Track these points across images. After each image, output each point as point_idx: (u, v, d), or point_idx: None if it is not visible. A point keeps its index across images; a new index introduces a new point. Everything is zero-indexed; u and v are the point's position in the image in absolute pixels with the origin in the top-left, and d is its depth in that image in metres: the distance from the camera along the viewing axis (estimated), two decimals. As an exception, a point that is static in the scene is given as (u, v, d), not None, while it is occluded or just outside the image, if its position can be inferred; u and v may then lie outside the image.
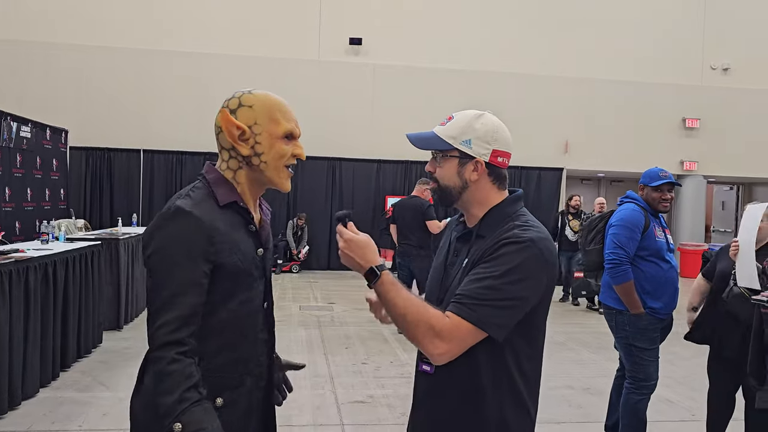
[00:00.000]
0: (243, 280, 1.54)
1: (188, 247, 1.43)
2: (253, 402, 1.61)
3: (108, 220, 10.93)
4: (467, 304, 1.44)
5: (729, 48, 13.24)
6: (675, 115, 13.21)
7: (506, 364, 1.52)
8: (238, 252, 1.52)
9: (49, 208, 9.35)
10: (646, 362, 3.50)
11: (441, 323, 1.43)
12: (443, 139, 1.60)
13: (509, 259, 1.46)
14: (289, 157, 1.59)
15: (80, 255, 5.36)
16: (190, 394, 1.37)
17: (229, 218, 1.53)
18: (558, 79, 12.60)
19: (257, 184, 1.61)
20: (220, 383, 1.50)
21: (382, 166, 12.26)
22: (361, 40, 12.12)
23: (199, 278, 1.43)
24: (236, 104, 1.57)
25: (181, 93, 11.51)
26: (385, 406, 4.55)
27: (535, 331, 1.57)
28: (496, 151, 1.58)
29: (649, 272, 3.47)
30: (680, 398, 4.89)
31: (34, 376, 4.48)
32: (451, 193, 1.61)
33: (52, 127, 9.59)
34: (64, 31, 11.26)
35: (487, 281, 1.45)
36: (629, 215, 3.52)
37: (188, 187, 1.56)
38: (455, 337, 1.43)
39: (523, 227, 1.52)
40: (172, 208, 1.46)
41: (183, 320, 1.40)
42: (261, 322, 1.62)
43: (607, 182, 15.36)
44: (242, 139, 1.55)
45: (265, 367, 1.64)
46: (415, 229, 6.81)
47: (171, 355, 1.38)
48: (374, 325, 7.19)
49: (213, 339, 1.49)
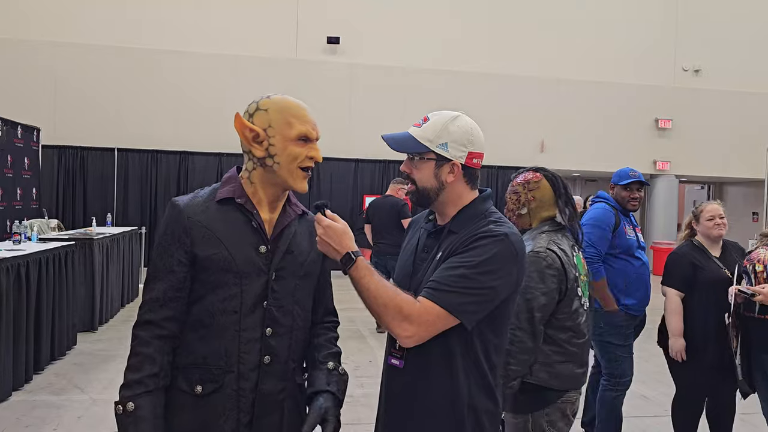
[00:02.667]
0: (226, 276, 1.55)
1: (167, 235, 1.58)
2: (242, 404, 1.56)
3: (81, 220, 10.76)
4: (439, 290, 1.48)
5: (700, 50, 13.51)
6: (648, 116, 13.44)
7: (476, 356, 1.56)
8: (223, 247, 1.55)
9: (21, 208, 9.17)
10: (620, 359, 3.56)
11: (410, 307, 1.47)
12: (420, 142, 1.61)
13: (484, 250, 1.50)
14: (303, 159, 1.63)
15: (53, 255, 5.27)
16: (150, 381, 1.51)
17: (226, 214, 1.60)
18: (534, 80, 12.72)
19: (272, 185, 1.64)
20: (197, 373, 1.55)
21: (359, 165, 12.26)
22: (339, 39, 12.10)
23: (173, 266, 1.55)
24: (254, 108, 1.64)
25: (156, 91, 11.36)
26: (365, 406, 4.56)
27: (503, 324, 1.61)
28: (471, 153, 1.62)
29: (622, 270, 3.55)
30: (655, 394, 4.98)
31: (7, 379, 4.39)
32: (429, 195, 1.64)
33: (24, 125, 9.39)
34: (36, 27, 11.04)
35: (461, 270, 1.49)
36: (600, 214, 3.60)
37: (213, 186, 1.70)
38: (424, 321, 1.46)
39: (498, 223, 1.58)
40: (169, 202, 1.63)
41: (158, 302, 1.55)
42: (253, 321, 1.57)
43: (582, 181, 15.57)
44: (256, 141, 1.61)
45: (251, 367, 1.56)
46: (392, 228, 6.82)
47: (144, 336, 1.54)
48: (353, 325, 7.19)
49: (191, 328, 1.57)
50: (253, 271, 1.58)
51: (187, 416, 1.55)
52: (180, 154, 11.50)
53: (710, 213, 3.41)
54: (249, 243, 1.59)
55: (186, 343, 1.57)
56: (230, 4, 11.76)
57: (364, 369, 5.51)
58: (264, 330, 1.58)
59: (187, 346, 1.57)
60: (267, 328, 1.59)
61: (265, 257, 1.60)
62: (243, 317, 1.56)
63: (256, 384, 1.57)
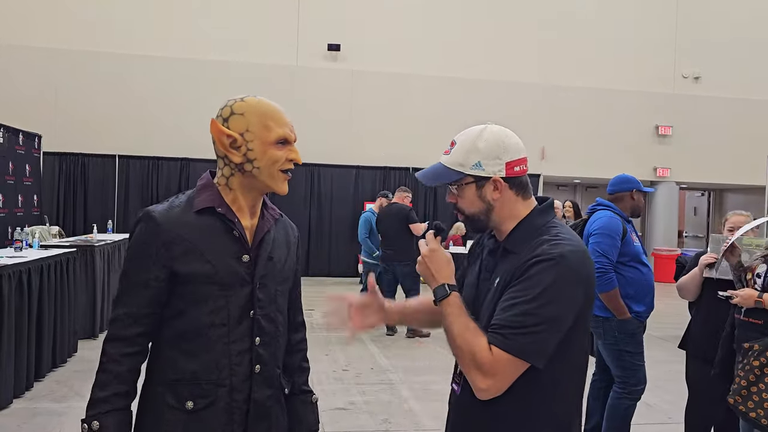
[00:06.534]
0: (210, 289, 1.52)
1: (143, 250, 1.52)
2: (235, 416, 1.55)
3: (82, 227, 10.75)
4: (504, 333, 1.38)
5: (700, 57, 13.54)
6: (648, 123, 13.47)
7: (543, 388, 1.44)
8: (205, 260, 1.51)
9: (22, 215, 9.16)
10: (636, 366, 3.55)
11: (483, 354, 1.39)
12: (453, 169, 1.52)
13: (540, 279, 1.39)
14: (283, 161, 1.59)
15: (55, 262, 5.27)
16: (116, 400, 1.48)
17: (206, 224, 1.54)
18: (535, 86, 12.75)
19: (251, 190, 1.61)
20: (188, 388, 1.51)
21: (360, 172, 12.27)
22: (340, 46, 12.14)
23: (149, 281, 1.50)
24: (228, 113, 1.59)
25: (157, 99, 11.38)
26: (366, 413, 4.54)
27: (573, 350, 1.47)
28: (509, 163, 1.51)
29: (632, 277, 3.53)
30: (658, 401, 4.97)
31: (8, 386, 4.38)
32: (480, 219, 1.54)
33: (26, 132, 9.40)
34: (37, 34, 11.07)
35: (520, 306, 1.38)
36: (609, 223, 3.55)
37: (185, 193, 1.64)
38: (498, 371, 1.38)
39: (552, 242, 1.44)
40: (141, 212, 1.56)
41: (132, 318, 1.50)
42: (242, 331, 1.55)
43: (582, 188, 15.57)
44: (234, 146, 1.57)
45: (243, 378, 1.55)
46: (401, 234, 7.07)
47: (114, 354, 1.50)
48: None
49: (174, 345, 1.53)
50: (237, 282, 1.55)
51: None
52: (181, 161, 11.51)
53: (731, 224, 3.52)
54: (231, 253, 1.55)
55: (170, 359, 1.53)
56: (231, 11, 11.79)
57: (365, 376, 5.50)
58: (253, 340, 1.57)
59: (171, 363, 1.53)
60: (256, 338, 1.57)
61: (248, 266, 1.57)
62: (231, 329, 1.54)
63: (249, 394, 1.56)
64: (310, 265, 11.97)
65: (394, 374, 5.60)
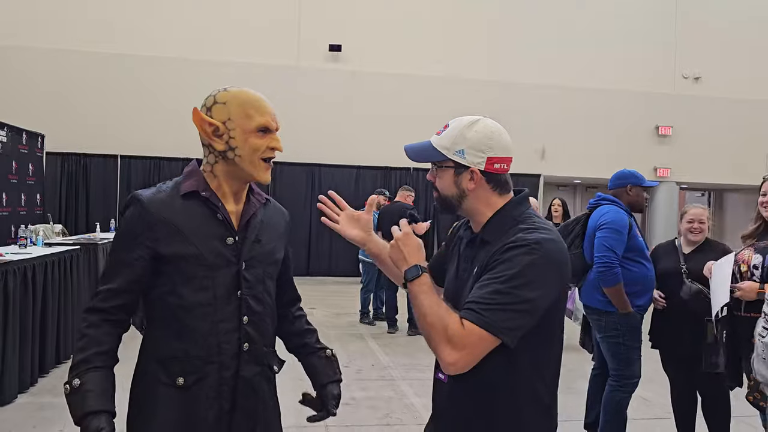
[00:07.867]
0: (195, 269, 1.58)
1: (128, 231, 1.59)
2: (224, 392, 1.60)
3: (84, 226, 10.79)
4: (476, 309, 1.41)
5: (700, 57, 13.58)
6: (648, 123, 13.51)
7: (525, 373, 1.49)
8: (189, 242, 1.57)
9: (25, 214, 9.21)
10: (632, 360, 3.58)
11: (455, 327, 1.41)
12: (438, 150, 1.57)
13: (516, 262, 1.43)
14: (264, 150, 1.64)
15: (59, 259, 5.32)
16: (96, 359, 1.53)
17: (191, 207, 1.61)
18: (535, 87, 12.79)
19: (235, 177, 1.66)
20: (178, 366, 1.57)
21: (361, 172, 12.31)
22: (341, 46, 12.18)
23: (132, 260, 1.57)
24: (212, 102, 1.66)
25: (160, 98, 11.43)
26: (368, 408, 4.59)
27: (551, 336, 1.54)
28: (491, 159, 1.54)
29: (637, 272, 3.56)
30: (654, 396, 5.00)
31: (13, 381, 4.43)
32: (451, 202, 1.60)
33: (29, 132, 9.45)
34: (41, 35, 11.13)
35: (494, 286, 1.42)
36: (617, 217, 3.54)
37: (174, 179, 1.71)
38: (467, 343, 1.40)
39: (529, 229, 1.49)
40: (130, 196, 1.64)
41: (113, 293, 1.57)
42: (230, 310, 1.61)
43: (582, 188, 15.61)
44: (216, 135, 1.63)
45: (231, 355, 1.61)
46: None
47: (94, 320, 1.56)
48: (355, 329, 7.23)
49: (165, 324, 1.59)
50: (222, 263, 1.60)
51: (172, 408, 1.57)
52: (183, 161, 11.53)
53: (690, 216, 3.64)
54: (215, 236, 1.61)
55: (161, 337, 1.59)
56: (232, 12, 11.85)
57: (366, 372, 5.55)
58: (241, 318, 1.62)
59: (163, 341, 1.59)
60: (244, 317, 1.63)
61: (233, 248, 1.62)
62: (218, 308, 1.59)
63: (237, 371, 1.62)
64: (310, 265, 12.01)
65: (394, 370, 5.64)
